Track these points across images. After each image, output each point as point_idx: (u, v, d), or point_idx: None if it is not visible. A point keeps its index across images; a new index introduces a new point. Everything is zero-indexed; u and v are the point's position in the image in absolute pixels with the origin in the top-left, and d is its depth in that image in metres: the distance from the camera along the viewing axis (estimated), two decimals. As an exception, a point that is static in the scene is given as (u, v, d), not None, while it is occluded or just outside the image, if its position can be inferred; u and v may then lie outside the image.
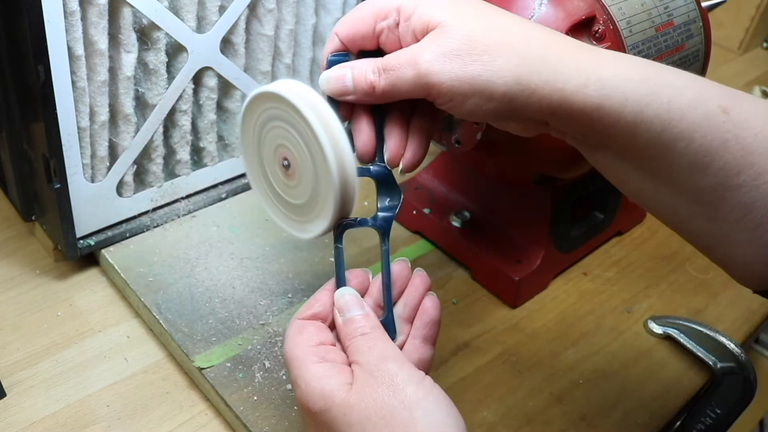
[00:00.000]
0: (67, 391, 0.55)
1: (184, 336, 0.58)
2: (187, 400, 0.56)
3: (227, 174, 0.72)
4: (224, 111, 0.69)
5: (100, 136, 0.60)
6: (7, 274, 0.64)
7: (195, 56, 0.62)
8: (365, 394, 0.40)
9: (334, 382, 0.41)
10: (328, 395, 0.40)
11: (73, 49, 0.54)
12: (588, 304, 0.69)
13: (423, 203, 0.73)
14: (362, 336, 0.43)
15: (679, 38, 0.61)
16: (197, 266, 0.64)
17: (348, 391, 0.40)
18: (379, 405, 0.39)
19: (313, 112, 0.40)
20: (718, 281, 0.74)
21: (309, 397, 0.41)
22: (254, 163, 0.47)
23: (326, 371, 0.42)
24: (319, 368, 0.42)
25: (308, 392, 0.41)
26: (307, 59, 0.72)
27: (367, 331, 0.43)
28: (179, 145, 0.66)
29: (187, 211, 0.70)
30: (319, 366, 0.42)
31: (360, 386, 0.40)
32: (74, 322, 0.61)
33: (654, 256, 0.76)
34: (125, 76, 0.58)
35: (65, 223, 0.60)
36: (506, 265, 0.67)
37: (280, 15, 0.66)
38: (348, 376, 0.41)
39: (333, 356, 0.43)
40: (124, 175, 0.64)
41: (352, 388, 0.41)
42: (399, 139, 0.45)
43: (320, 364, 0.42)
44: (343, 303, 0.45)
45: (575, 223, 0.71)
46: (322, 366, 0.42)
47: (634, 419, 0.60)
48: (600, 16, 0.56)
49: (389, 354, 0.42)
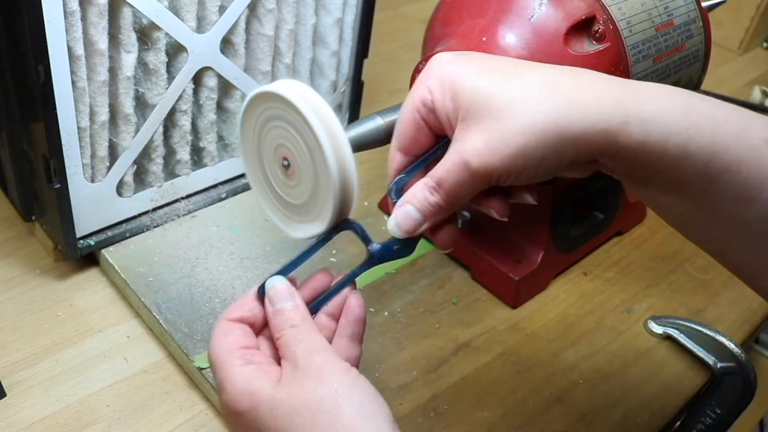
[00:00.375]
0: (67, 391, 0.55)
1: (184, 336, 0.58)
2: (187, 400, 0.56)
3: (227, 174, 0.72)
4: (224, 111, 0.69)
5: (100, 136, 0.60)
6: (7, 274, 0.64)
7: (195, 56, 0.62)
8: (292, 387, 0.40)
9: (259, 381, 0.41)
10: (254, 392, 0.40)
11: (73, 49, 0.54)
12: (588, 304, 0.69)
13: (423, 203, 0.73)
14: (291, 328, 0.42)
15: (679, 38, 0.61)
16: (197, 266, 0.64)
17: (275, 387, 0.40)
18: (307, 396, 0.39)
19: (313, 112, 0.40)
20: (718, 281, 0.74)
21: (235, 397, 0.41)
22: (254, 163, 0.47)
23: (252, 372, 0.41)
24: (245, 370, 0.41)
25: (234, 393, 0.41)
26: (307, 59, 0.72)
27: (297, 323, 0.42)
28: (179, 145, 0.66)
29: (187, 211, 0.70)
30: (244, 368, 0.41)
31: (287, 380, 0.40)
32: (74, 322, 0.61)
33: (654, 256, 0.76)
34: (125, 76, 0.58)
35: (65, 223, 0.60)
36: (506, 265, 0.67)
37: (280, 15, 0.66)
38: (275, 375, 0.41)
39: (259, 358, 0.43)
40: (124, 175, 0.64)
41: (279, 383, 0.40)
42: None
43: (246, 367, 0.42)
44: (273, 293, 0.44)
45: (575, 223, 0.71)
46: (248, 368, 0.42)
47: (634, 419, 0.60)
48: (600, 16, 0.56)
49: (317, 346, 0.41)
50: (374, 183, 0.78)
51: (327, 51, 0.72)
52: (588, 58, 0.55)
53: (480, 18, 0.57)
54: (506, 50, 0.55)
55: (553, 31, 0.55)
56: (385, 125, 0.50)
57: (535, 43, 0.55)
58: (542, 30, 0.55)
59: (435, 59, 0.43)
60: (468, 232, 0.70)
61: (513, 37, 0.56)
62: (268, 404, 0.40)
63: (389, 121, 0.51)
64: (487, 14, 0.57)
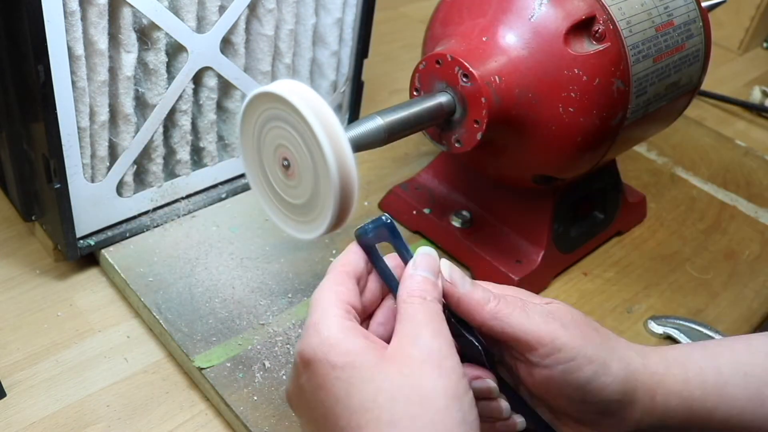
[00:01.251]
0: (67, 391, 0.55)
1: (184, 336, 0.58)
2: (187, 400, 0.56)
3: (227, 174, 0.72)
4: (224, 111, 0.69)
5: (100, 136, 0.60)
6: (7, 274, 0.64)
7: (195, 56, 0.62)
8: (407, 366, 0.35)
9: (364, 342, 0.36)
10: (361, 352, 0.36)
11: (73, 49, 0.54)
12: (588, 304, 0.69)
13: (423, 203, 0.73)
14: (423, 301, 0.38)
15: (679, 38, 0.61)
16: (197, 266, 0.64)
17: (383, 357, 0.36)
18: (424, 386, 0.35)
19: (313, 112, 0.40)
20: (718, 281, 0.74)
21: (334, 346, 0.36)
22: (254, 163, 0.47)
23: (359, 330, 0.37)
24: (351, 324, 0.37)
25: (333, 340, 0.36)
26: (307, 59, 0.72)
27: (431, 299, 0.39)
28: (179, 145, 0.66)
29: (187, 211, 0.70)
30: (351, 322, 0.37)
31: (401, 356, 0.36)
32: (74, 322, 0.61)
33: (654, 256, 0.76)
34: (125, 76, 0.58)
35: (65, 223, 0.60)
36: (506, 265, 0.67)
37: (280, 15, 0.66)
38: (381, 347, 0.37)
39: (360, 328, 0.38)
40: (124, 175, 0.64)
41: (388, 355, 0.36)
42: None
43: (352, 322, 0.37)
44: (424, 260, 0.40)
45: (575, 223, 0.71)
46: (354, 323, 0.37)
47: (634, 419, 0.60)
48: (600, 16, 0.56)
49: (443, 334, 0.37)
50: (374, 183, 0.78)
51: (327, 51, 0.72)
52: (588, 58, 0.55)
53: (480, 18, 0.57)
54: (506, 50, 0.55)
55: (553, 31, 0.55)
56: (385, 125, 0.50)
57: (535, 43, 0.55)
58: (542, 30, 0.55)
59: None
60: (468, 232, 0.70)
61: (513, 37, 0.56)
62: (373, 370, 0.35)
63: (389, 121, 0.51)
64: (487, 14, 0.57)
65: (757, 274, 0.76)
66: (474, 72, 0.53)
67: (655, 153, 0.92)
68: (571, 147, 0.58)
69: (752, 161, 0.94)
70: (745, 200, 0.86)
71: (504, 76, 0.55)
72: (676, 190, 0.86)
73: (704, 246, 0.78)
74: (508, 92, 0.55)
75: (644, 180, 0.87)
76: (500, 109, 0.54)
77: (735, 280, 0.75)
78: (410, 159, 0.83)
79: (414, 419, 0.34)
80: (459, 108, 0.55)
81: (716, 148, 0.96)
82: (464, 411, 0.35)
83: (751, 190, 0.89)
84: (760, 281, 0.75)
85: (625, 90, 0.57)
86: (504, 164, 0.63)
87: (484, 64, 0.54)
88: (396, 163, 0.82)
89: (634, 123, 0.60)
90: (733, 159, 0.94)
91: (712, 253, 0.77)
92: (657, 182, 0.87)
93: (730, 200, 0.86)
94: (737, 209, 0.85)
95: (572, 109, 0.56)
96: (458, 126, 0.56)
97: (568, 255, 0.71)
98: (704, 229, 0.80)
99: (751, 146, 0.97)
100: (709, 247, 0.78)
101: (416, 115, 0.53)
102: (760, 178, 0.91)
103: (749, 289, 0.74)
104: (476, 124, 0.54)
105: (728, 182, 0.89)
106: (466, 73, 0.54)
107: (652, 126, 0.66)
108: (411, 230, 0.73)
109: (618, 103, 0.57)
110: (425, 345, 0.36)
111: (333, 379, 0.36)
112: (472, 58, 0.54)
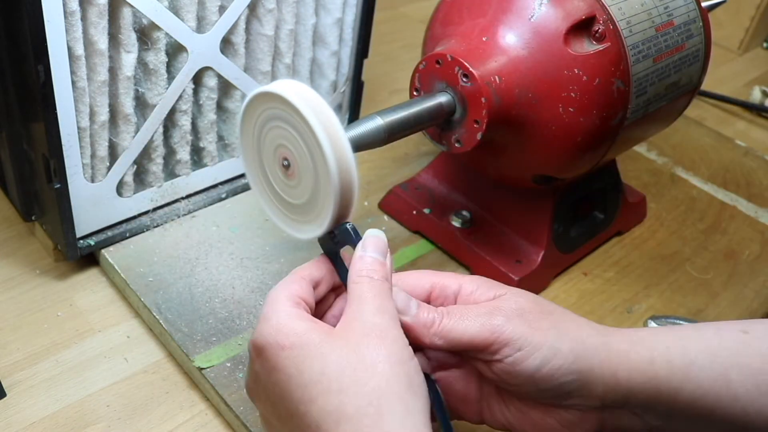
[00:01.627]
0: (67, 391, 0.55)
1: (184, 336, 0.58)
2: (187, 400, 0.56)
3: (227, 174, 0.72)
4: (224, 111, 0.69)
5: (100, 136, 0.60)
6: (7, 274, 0.64)
7: (195, 56, 0.62)
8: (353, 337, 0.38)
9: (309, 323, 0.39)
10: (306, 331, 0.38)
11: (73, 49, 0.54)
12: (588, 304, 0.69)
13: (423, 203, 0.73)
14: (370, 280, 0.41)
15: (679, 38, 0.61)
16: (197, 266, 0.64)
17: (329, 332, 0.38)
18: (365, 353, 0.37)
19: (313, 112, 0.40)
20: (718, 281, 0.74)
21: (281, 329, 0.38)
22: (254, 163, 0.47)
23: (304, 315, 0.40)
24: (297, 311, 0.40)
25: (281, 325, 0.38)
26: (307, 59, 0.72)
27: (377, 278, 0.41)
28: (179, 145, 0.66)
29: (187, 211, 0.70)
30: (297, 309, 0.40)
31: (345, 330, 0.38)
32: (74, 322, 0.61)
33: (654, 256, 0.76)
34: (125, 76, 0.58)
35: (65, 223, 0.60)
36: (506, 265, 0.67)
37: (280, 15, 0.66)
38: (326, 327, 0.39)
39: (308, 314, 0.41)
40: (124, 175, 0.64)
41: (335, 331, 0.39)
42: None
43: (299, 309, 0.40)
44: (371, 242, 0.42)
45: (575, 223, 0.71)
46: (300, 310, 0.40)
47: (634, 419, 0.60)
48: (600, 16, 0.56)
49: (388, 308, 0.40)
50: (374, 183, 0.78)
51: (327, 51, 0.72)
52: (588, 58, 0.55)
53: (480, 18, 0.57)
54: (506, 50, 0.55)
55: (553, 31, 0.55)
56: (385, 125, 0.50)
57: (535, 43, 0.55)
58: (542, 30, 0.55)
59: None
60: (468, 232, 0.70)
61: (513, 37, 0.56)
62: (319, 346, 0.37)
63: (389, 121, 0.51)
64: (487, 14, 0.57)
65: (757, 274, 0.76)
66: (474, 72, 0.53)
67: (655, 153, 0.93)
68: (571, 147, 0.58)
69: (752, 161, 0.94)
70: (745, 200, 0.86)
71: (504, 76, 0.55)
72: (676, 190, 0.86)
73: (704, 246, 0.78)
74: (508, 92, 0.55)
75: (644, 180, 0.87)
76: (500, 109, 0.54)
77: (735, 280, 0.75)
78: (410, 159, 0.83)
79: (361, 385, 0.36)
80: (459, 108, 0.55)
81: (716, 148, 0.96)
82: (410, 375, 0.38)
83: (751, 190, 0.89)
84: (760, 281, 0.75)
85: (625, 90, 0.57)
86: (504, 164, 0.63)
87: (484, 64, 0.54)
88: (396, 163, 0.82)
89: (634, 123, 0.60)
90: (733, 159, 0.94)
91: (712, 253, 0.77)
92: (657, 182, 0.87)
93: (730, 200, 0.86)
94: (737, 209, 0.85)
95: (572, 109, 0.56)
96: (458, 126, 0.56)
97: (568, 255, 0.71)
98: (704, 229, 0.80)
99: (751, 146, 0.97)
100: (709, 247, 0.78)
101: (416, 115, 0.53)
102: (760, 178, 0.91)
103: (749, 289, 0.74)
104: (476, 124, 0.54)
105: (728, 182, 0.89)
106: (466, 73, 0.54)
107: (652, 126, 0.66)
108: (411, 230, 0.73)
109: (618, 103, 0.57)
110: (368, 320, 0.39)
111: (283, 359, 0.38)
112: (472, 58, 0.54)
